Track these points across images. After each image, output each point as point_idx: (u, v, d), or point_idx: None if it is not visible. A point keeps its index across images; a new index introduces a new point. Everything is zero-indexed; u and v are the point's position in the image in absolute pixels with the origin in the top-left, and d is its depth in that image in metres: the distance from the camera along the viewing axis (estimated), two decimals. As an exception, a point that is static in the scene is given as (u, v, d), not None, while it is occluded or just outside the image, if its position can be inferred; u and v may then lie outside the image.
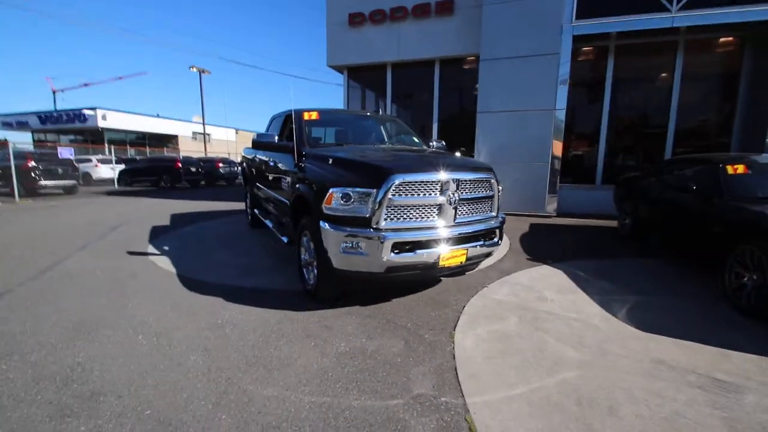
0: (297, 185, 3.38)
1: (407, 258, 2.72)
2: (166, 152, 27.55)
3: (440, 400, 1.94)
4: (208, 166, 17.83)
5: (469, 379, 2.13)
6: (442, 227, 2.85)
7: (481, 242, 3.04)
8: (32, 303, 3.13)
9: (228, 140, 39.57)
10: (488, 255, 3.27)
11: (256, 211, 5.64)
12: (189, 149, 30.47)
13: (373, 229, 2.67)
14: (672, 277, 3.98)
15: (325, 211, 2.80)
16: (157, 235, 5.77)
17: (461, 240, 2.92)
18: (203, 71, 23.21)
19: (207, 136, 27.90)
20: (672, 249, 4.86)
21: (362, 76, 9.70)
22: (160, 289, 3.47)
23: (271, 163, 4.29)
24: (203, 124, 23.48)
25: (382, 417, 1.82)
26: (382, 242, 2.64)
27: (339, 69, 9.71)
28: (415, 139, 4.42)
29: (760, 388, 2.08)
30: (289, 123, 4.41)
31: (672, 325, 2.84)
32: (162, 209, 8.50)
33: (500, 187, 3.33)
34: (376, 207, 2.66)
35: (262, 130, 5.45)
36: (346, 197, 2.71)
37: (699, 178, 4.10)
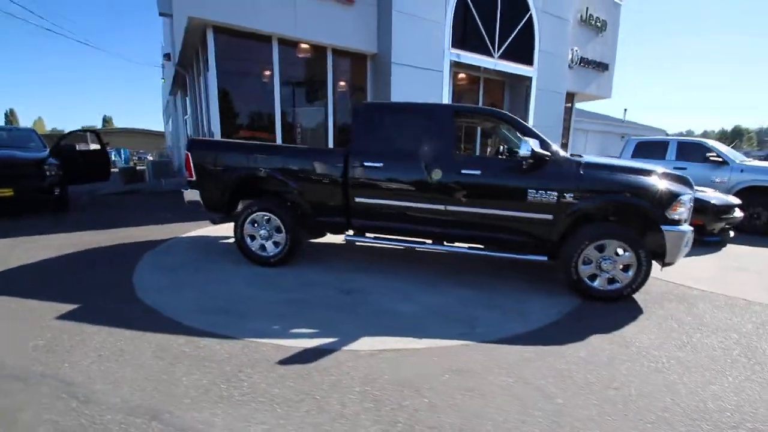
0: (589, 197, 3.30)
1: None
2: None
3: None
4: None
5: None
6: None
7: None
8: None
9: None
10: None
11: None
12: None
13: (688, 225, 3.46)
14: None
15: (671, 217, 3.23)
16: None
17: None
18: None
19: None
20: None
21: (235, 45, 7.23)
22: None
23: (494, 180, 3.50)
24: None
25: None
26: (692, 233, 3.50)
27: (199, 27, 6.75)
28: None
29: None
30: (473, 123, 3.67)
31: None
32: None
33: None
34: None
35: None
36: (685, 203, 3.29)
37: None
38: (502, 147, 4.65)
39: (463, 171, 3.51)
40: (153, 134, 39.33)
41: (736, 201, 5.79)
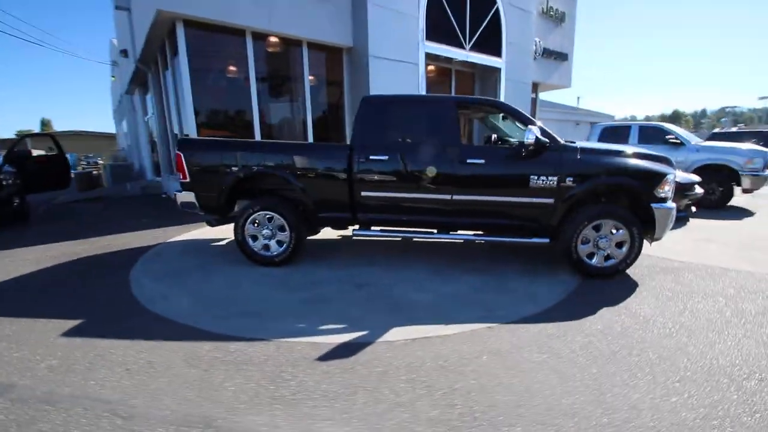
0: (587, 179, 3.49)
1: None
2: None
3: None
4: None
5: None
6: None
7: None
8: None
9: None
10: None
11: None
12: None
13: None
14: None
15: (659, 195, 3.50)
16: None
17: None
18: None
19: None
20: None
21: (207, 39, 6.87)
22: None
23: (499, 168, 3.62)
24: None
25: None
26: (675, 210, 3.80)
27: (167, 21, 6.36)
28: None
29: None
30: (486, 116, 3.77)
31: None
32: None
33: None
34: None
35: None
36: (671, 182, 3.57)
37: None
38: (493, 136, 4.81)
39: (469, 160, 3.60)
40: (101, 136, 36.71)
41: (697, 179, 6.31)
